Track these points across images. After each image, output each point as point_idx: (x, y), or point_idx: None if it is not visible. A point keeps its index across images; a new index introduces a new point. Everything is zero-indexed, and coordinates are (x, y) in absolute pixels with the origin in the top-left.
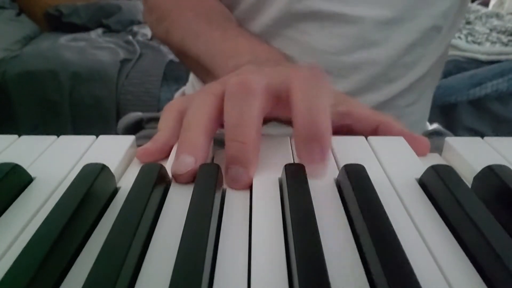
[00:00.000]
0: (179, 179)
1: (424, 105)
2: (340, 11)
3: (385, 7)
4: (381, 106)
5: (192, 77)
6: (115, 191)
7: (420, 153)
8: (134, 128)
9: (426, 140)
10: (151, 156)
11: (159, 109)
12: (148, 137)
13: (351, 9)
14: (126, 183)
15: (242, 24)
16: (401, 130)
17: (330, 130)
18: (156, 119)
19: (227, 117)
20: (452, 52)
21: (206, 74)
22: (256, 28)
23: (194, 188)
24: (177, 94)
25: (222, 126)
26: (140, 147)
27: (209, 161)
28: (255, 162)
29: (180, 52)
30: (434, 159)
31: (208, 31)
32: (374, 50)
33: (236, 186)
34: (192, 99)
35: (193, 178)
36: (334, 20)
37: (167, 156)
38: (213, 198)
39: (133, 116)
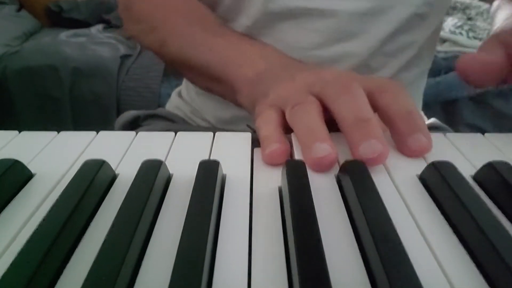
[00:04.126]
0: (320, 163)
1: (414, 97)
2: (315, 6)
3: None
4: None
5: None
6: (116, 187)
7: None
8: (130, 126)
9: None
10: (282, 156)
11: (159, 105)
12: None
13: (326, 3)
14: (126, 179)
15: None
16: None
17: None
18: (153, 116)
19: (341, 110)
20: (453, 48)
21: (210, 81)
22: (238, 29)
23: (194, 184)
24: (174, 92)
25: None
26: (268, 151)
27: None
28: (383, 136)
29: (177, 61)
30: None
31: (209, 39)
32: (352, 42)
33: (375, 160)
34: (293, 112)
35: (330, 167)
36: (310, 16)
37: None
38: (213, 195)
39: (129, 114)
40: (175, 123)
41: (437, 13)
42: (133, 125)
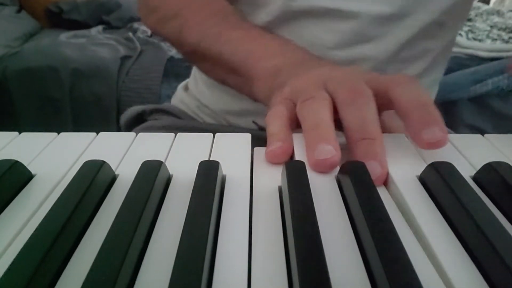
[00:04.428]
0: (321, 165)
1: None
2: (337, 7)
3: (385, 3)
4: None
5: (195, 71)
6: (116, 187)
7: None
8: (135, 121)
9: None
10: (284, 154)
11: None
12: (152, 128)
13: (349, 4)
14: (126, 179)
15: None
16: None
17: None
18: (158, 111)
19: (349, 121)
20: (453, 49)
21: (227, 73)
22: (259, 23)
23: (194, 185)
24: (180, 87)
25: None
26: (271, 148)
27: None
28: (385, 156)
29: (195, 52)
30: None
31: (229, 30)
32: (371, 45)
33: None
34: (303, 106)
35: (332, 169)
36: (331, 16)
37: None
38: (213, 195)
39: (134, 109)
40: (182, 119)
41: (455, 23)
42: (139, 120)
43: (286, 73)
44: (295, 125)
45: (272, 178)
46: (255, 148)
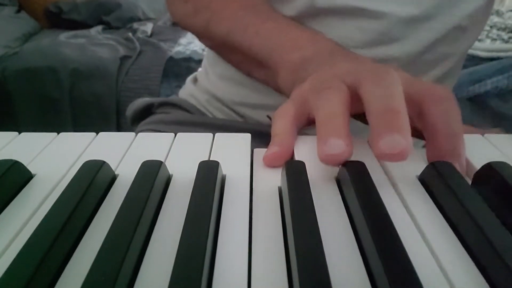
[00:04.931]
0: (330, 160)
1: None
2: (363, 6)
3: (411, 4)
4: None
5: (205, 63)
6: (116, 187)
7: None
8: (142, 114)
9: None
10: (280, 159)
11: None
12: (162, 122)
13: (376, 4)
14: (126, 179)
15: None
16: None
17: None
18: (167, 104)
19: (372, 100)
20: None
21: (255, 65)
22: None
23: (194, 185)
24: (189, 79)
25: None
26: (267, 153)
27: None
28: (409, 131)
29: (223, 44)
30: None
31: (259, 23)
32: (394, 46)
33: (394, 157)
34: (317, 97)
35: (341, 163)
36: (357, 15)
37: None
38: (213, 195)
39: (143, 101)
40: (191, 114)
41: (477, 28)
42: (146, 112)
43: (312, 66)
44: (306, 122)
45: (272, 178)
46: (255, 149)
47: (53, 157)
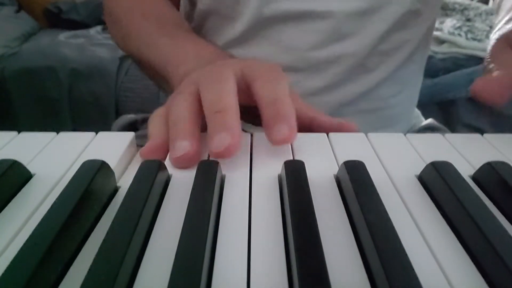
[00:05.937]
0: (179, 162)
1: (410, 96)
2: (310, 8)
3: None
4: (362, 97)
5: None
6: (115, 187)
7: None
8: (128, 130)
9: (353, 124)
10: (154, 152)
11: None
12: (145, 137)
13: (321, 5)
14: (125, 179)
15: (219, 31)
16: (329, 121)
17: (293, 110)
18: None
19: (206, 100)
20: (451, 49)
21: (159, 78)
22: (232, 34)
23: (193, 185)
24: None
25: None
26: (143, 147)
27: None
28: (238, 128)
29: (136, 59)
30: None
31: (157, 38)
32: (348, 42)
33: (222, 154)
34: (171, 103)
35: (192, 164)
36: (305, 18)
37: (166, 155)
38: (212, 195)
39: (126, 118)
40: None
41: (431, 9)
42: (130, 129)
43: (193, 76)
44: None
45: (271, 178)
46: (255, 133)
47: (52, 156)
